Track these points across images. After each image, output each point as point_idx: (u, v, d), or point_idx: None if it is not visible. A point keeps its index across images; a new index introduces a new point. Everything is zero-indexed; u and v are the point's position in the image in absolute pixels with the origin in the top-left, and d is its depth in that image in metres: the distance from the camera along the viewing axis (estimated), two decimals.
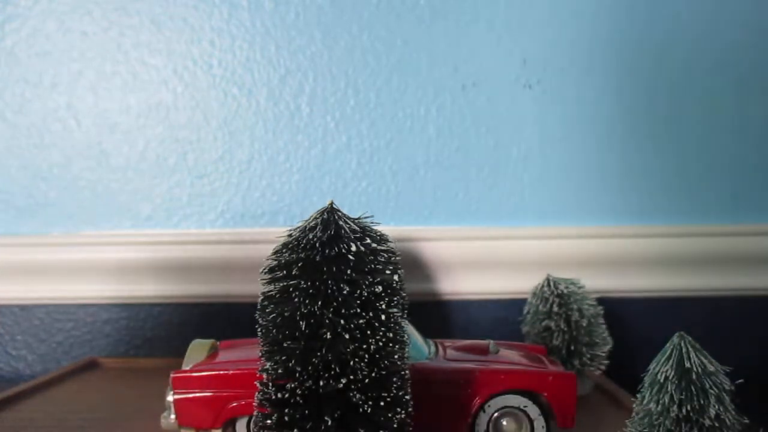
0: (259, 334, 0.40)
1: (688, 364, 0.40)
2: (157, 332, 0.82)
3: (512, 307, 0.76)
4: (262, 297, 0.40)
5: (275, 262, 0.40)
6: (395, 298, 0.40)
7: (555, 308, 0.65)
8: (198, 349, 0.54)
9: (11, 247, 0.81)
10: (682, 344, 0.41)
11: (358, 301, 0.38)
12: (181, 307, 0.82)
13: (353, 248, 0.39)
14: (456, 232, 0.81)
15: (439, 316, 0.81)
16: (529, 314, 0.68)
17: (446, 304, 0.81)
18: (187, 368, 0.51)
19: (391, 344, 0.39)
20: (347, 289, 0.38)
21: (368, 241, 0.40)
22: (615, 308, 0.78)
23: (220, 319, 0.82)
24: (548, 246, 0.80)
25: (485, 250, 0.80)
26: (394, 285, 0.40)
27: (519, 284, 0.76)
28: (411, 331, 0.51)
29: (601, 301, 0.69)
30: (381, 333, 0.39)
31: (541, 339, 0.66)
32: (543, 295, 0.67)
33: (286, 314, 0.39)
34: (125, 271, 0.81)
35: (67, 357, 0.82)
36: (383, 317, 0.39)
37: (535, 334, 0.67)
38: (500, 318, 0.80)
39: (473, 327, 0.80)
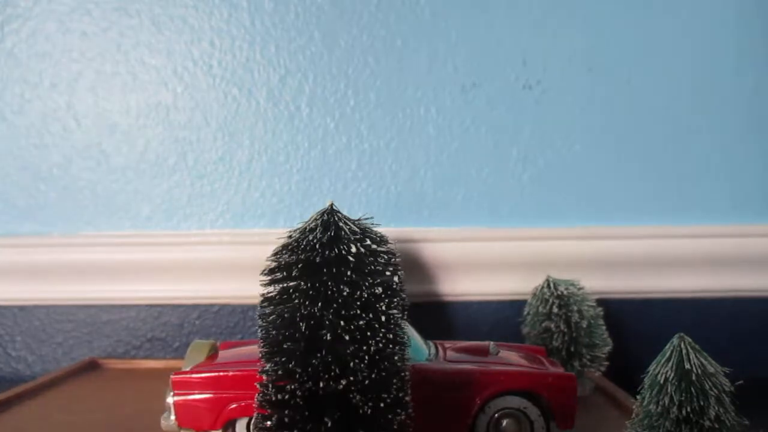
0: (259, 335, 0.40)
1: (687, 366, 0.40)
2: (157, 333, 0.82)
3: (512, 308, 0.76)
4: (261, 298, 0.40)
5: (275, 264, 0.40)
6: (395, 300, 0.40)
7: (555, 309, 0.65)
8: (198, 350, 0.54)
9: (11, 248, 0.81)
10: (682, 345, 0.41)
11: (358, 303, 0.38)
12: (181, 308, 0.82)
13: (353, 250, 0.39)
14: (456, 233, 0.81)
15: (439, 317, 0.81)
16: (529, 315, 0.68)
17: (446, 305, 0.81)
18: (187, 369, 0.51)
19: (391, 345, 0.39)
20: (347, 290, 0.38)
21: (368, 242, 0.40)
22: (615, 309, 0.78)
23: (220, 320, 0.82)
24: (548, 247, 0.80)
25: (485, 251, 0.80)
26: (394, 286, 0.40)
27: (519, 285, 0.76)
28: (411, 333, 0.51)
29: (601, 302, 0.69)
30: (381, 334, 0.38)
31: (541, 340, 0.66)
32: (543, 296, 0.67)
33: (285, 315, 0.39)
34: (125, 272, 0.81)
35: (67, 358, 0.82)
36: (383, 318, 0.39)
37: (535, 335, 0.67)
38: (500, 319, 0.80)
39: (473, 328, 0.80)
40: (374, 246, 0.40)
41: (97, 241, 0.81)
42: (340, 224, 0.40)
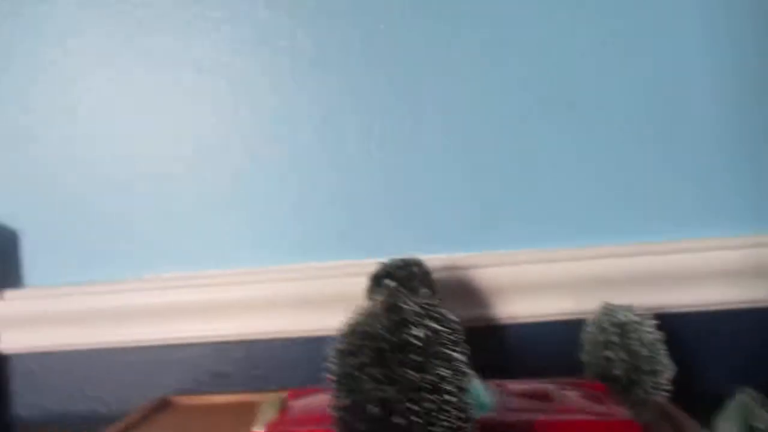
0: (332, 420, 0.42)
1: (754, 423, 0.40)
2: (223, 368, 0.85)
3: (566, 328, 0.76)
4: (332, 378, 0.42)
5: (344, 347, 0.41)
6: (462, 378, 0.41)
7: (614, 338, 0.65)
8: (267, 410, 0.55)
9: (85, 295, 0.85)
10: (747, 403, 0.41)
11: (427, 386, 0.39)
12: (245, 344, 0.84)
13: (418, 333, 0.40)
14: (504, 257, 0.81)
15: (492, 340, 0.81)
16: (588, 344, 0.68)
17: (499, 328, 0.82)
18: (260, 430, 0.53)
19: (460, 422, 0.40)
20: (415, 374, 0.39)
21: (433, 324, 0.41)
22: (671, 325, 0.77)
23: (283, 354, 0.84)
24: (600, 266, 0.79)
25: (536, 273, 0.80)
26: (460, 366, 0.41)
27: (573, 305, 0.76)
28: (474, 385, 0.52)
29: (657, 317, 0.68)
30: (450, 415, 0.40)
31: (601, 369, 0.66)
32: (600, 324, 0.67)
33: (356, 399, 0.40)
34: (190, 312, 0.84)
35: (140, 396, 0.85)
36: (452, 399, 0.40)
37: (595, 364, 0.67)
38: (553, 340, 0.80)
39: (527, 351, 0.81)
40: (438, 326, 0.41)
41: (160, 285, 0.84)
42: (405, 307, 0.41)
